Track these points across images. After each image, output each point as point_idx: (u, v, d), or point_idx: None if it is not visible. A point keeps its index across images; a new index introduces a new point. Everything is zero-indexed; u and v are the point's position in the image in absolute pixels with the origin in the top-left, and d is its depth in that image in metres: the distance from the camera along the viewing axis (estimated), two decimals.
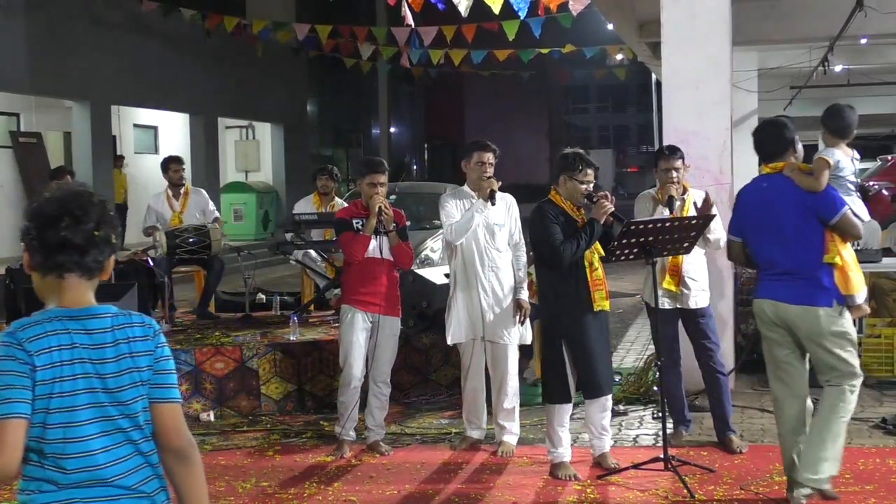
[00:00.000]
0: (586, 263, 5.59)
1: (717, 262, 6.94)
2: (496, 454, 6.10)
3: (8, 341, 2.36)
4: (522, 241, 6.31)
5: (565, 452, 5.72)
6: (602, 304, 5.62)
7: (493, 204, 6.08)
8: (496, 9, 10.58)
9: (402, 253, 6.26)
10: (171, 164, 9.31)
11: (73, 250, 2.42)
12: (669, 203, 6.10)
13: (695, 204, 6.20)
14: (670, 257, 6.04)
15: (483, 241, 6.13)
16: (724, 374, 6.25)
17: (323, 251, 8.88)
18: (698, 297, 6.22)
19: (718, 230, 6.11)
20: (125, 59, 18.68)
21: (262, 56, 19.55)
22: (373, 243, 6.17)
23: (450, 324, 6.25)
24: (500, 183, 6.16)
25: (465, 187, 6.27)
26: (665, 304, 6.17)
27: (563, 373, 5.60)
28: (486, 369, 6.30)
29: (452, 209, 6.17)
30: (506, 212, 6.23)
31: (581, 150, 5.79)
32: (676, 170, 6.21)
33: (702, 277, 6.26)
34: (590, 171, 5.63)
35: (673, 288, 6.18)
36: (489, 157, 6.18)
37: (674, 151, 6.28)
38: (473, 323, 6.17)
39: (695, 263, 6.20)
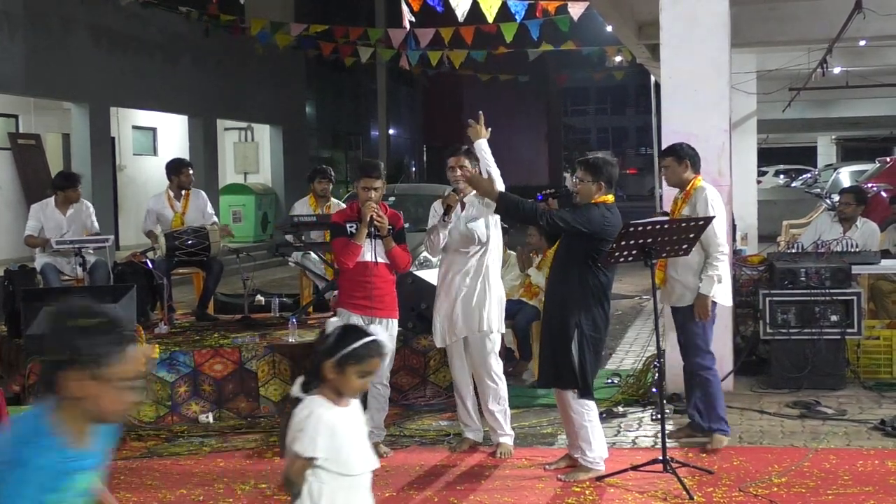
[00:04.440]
0: None
1: None
2: (494, 455, 6.10)
3: None
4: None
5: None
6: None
7: (446, 219, 6.10)
8: (490, 17, 10.60)
9: (397, 257, 6.18)
10: (183, 168, 9.22)
11: None
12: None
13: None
14: None
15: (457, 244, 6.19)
16: (700, 374, 6.11)
17: (322, 253, 8.88)
18: (681, 295, 6.15)
19: (716, 239, 5.98)
20: (124, 60, 18.67)
21: (261, 58, 19.52)
22: (365, 247, 6.12)
23: (434, 328, 6.33)
24: (463, 194, 6.15)
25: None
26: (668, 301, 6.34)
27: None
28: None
29: (431, 215, 6.31)
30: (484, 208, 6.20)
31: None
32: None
33: (683, 275, 6.10)
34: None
35: (660, 283, 6.20)
36: (454, 161, 6.22)
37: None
38: (447, 324, 6.21)
39: (679, 260, 6.03)
